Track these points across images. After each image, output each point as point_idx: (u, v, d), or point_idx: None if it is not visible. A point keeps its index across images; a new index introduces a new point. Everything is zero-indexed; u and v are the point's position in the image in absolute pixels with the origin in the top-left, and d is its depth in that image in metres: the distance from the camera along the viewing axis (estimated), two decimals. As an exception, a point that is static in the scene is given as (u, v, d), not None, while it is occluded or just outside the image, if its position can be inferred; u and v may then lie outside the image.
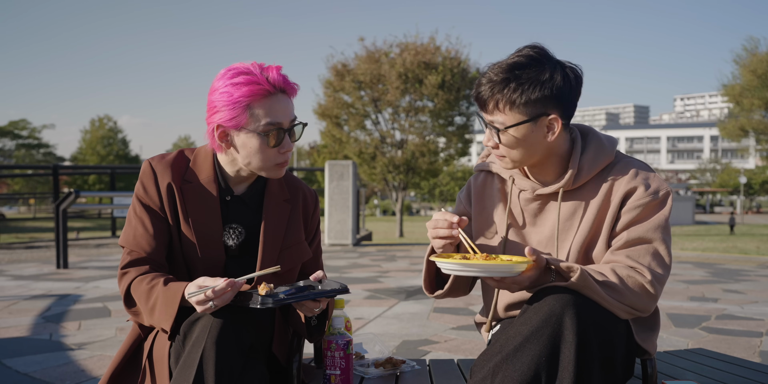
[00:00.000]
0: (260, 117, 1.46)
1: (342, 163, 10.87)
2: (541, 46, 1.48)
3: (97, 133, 45.15)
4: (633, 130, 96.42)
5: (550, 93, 1.42)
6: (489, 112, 1.47)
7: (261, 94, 1.45)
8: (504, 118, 1.45)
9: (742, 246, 12.25)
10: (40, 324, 4.23)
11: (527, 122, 1.44)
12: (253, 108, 1.46)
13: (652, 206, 1.48)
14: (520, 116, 1.44)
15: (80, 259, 8.68)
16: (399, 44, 17.97)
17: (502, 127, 1.46)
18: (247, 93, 1.44)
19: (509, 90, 1.42)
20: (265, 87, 1.45)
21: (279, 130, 1.48)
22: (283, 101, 1.49)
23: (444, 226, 1.46)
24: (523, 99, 1.42)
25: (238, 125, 1.47)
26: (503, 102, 1.43)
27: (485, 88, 1.45)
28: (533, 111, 1.43)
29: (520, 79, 1.42)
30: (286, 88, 1.49)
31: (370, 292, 5.61)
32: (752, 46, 22.61)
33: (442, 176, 40.95)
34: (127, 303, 1.50)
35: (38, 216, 25.98)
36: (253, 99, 1.45)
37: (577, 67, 1.48)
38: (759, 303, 5.17)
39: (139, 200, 1.55)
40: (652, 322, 1.57)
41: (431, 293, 1.64)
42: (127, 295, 1.49)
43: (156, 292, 1.42)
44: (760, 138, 24.03)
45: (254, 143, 1.48)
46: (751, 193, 49.98)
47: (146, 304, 1.44)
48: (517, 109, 1.43)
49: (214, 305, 1.32)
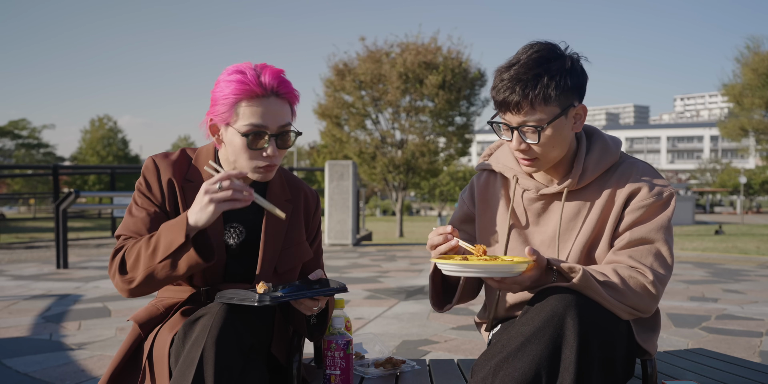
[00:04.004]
0: (244, 117, 1.46)
1: (342, 163, 10.87)
2: (549, 42, 1.48)
3: (97, 133, 45.12)
4: (633, 130, 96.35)
5: (576, 82, 1.44)
6: (522, 114, 1.43)
7: (248, 94, 1.45)
8: (540, 116, 1.43)
9: (742, 246, 12.25)
10: (40, 324, 4.23)
11: (561, 115, 1.44)
12: (239, 107, 1.46)
13: (656, 207, 1.48)
14: (554, 110, 1.43)
15: (80, 259, 8.68)
16: (400, 44, 17.95)
17: (543, 125, 1.43)
18: (234, 91, 1.45)
19: (542, 85, 1.40)
20: (253, 87, 1.44)
21: (261, 133, 1.46)
22: (272, 105, 1.47)
23: (440, 240, 1.44)
24: (558, 91, 1.41)
25: (225, 121, 1.49)
26: (539, 98, 1.41)
27: (516, 89, 1.41)
28: (564, 102, 1.44)
29: (551, 71, 1.41)
30: (280, 92, 1.47)
31: (370, 292, 5.61)
32: (755, 44, 22.60)
33: (442, 176, 40.93)
34: (120, 269, 1.44)
35: (38, 216, 25.97)
36: (240, 97, 1.45)
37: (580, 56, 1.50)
38: (759, 303, 5.17)
39: (141, 193, 1.55)
40: (652, 322, 1.57)
41: (441, 309, 1.61)
42: (122, 263, 1.44)
43: (155, 234, 1.41)
44: (760, 138, 24.00)
45: (237, 142, 1.48)
46: (751, 193, 49.95)
47: (147, 248, 1.40)
48: (552, 103, 1.42)
49: (221, 186, 1.34)
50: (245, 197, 1.37)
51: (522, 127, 1.45)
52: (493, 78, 1.49)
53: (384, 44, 18.19)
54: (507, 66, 1.46)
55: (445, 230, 1.44)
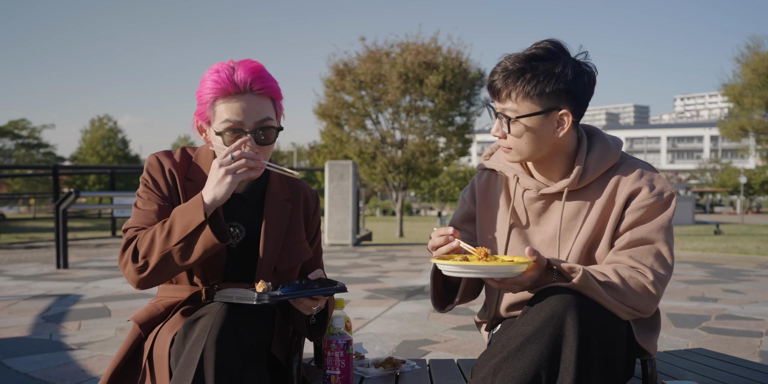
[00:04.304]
0: (220, 115, 1.48)
1: (342, 163, 10.87)
2: (560, 42, 1.49)
3: (97, 133, 45.10)
4: (633, 130, 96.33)
5: (564, 87, 1.43)
6: (501, 101, 1.47)
7: (222, 92, 1.46)
8: (516, 108, 1.45)
9: (742, 246, 12.25)
10: (40, 324, 4.23)
11: (539, 114, 1.45)
12: (215, 105, 1.48)
13: (657, 207, 1.48)
14: (533, 107, 1.45)
15: (80, 259, 8.68)
16: (400, 44, 17.95)
17: (513, 117, 1.46)
18: (209, 90, 1.47)
19: (524, 80, 1.43)
20: (225, 85, 1.45)
21: (236, 130, 1.47)
22: (248, 101, 1.47)
23: (442, 242, 1.44)
24: (537, 90, 1.43)
25: (207, 121, 1.51)
26: (516, 92, 1.44)
27: (500, 77, 1.46)
28: (546, 104, 1.44)
29: (536, 70, 1.43)
30: (255, 89, 1.47)
31: (370, 292, 5.61)
32: (755, 44, 22.59)
33: (442, 176, 40.93)
34: (134, 258, 1.43)
35: (38, 216, 25.96)
36: (214, 96, 1.47)
37: (592, 66, 1.49)
38: (759, 303, 5.17)
39: (147, 188, 1.55)
40: (652, 322, 1.57)
41: (443, 309, 1.61)
42: (134, 252, 1.43)
43: (168, 219, 1.43)
44: (760, 138, 24.00)
45: (218, 141, 1.50)
46: (751, 193, 49.93)
47: (161, 232, 1.40)
48: (531, 100, 1.44)
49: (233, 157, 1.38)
50: (259, 165, 1.40)
51: (500, 115, 1.49)
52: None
53: (384, 44, 18.19)
54: (509, 54, 1.49)
55: (447, 231, 1.44)
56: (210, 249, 1.40)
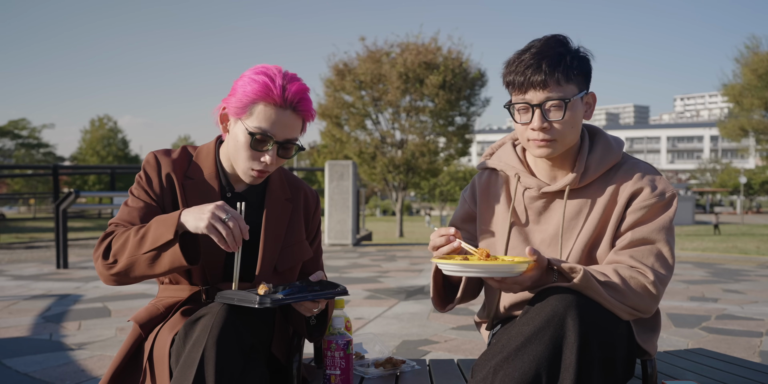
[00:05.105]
0: (257, 118, 1.48)
1: (342, 163, 10.87)
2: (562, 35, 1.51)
3: (97, 133, 45.12)
4: (633, 130, 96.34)
5: (587, 69, 1.48)
6: (547, 90, 1.43)
7: (268, 99, 1.46)
8: (565, 92, 1.44)
9: (742, 246, 12.25)
10: (40, 324, 4.23)
11: (579, 95, 1.46)
12: (255, 107, 1.48)
13: (658, 207, 1.48)
14: (574, 90, 1.46)
15: (80, 259, 8.68)
16: (400, 44, 17.96)
17: (570, 98, 1.44)
18: (257, 91, 1.46)
19: (565, 63, 1.43)
20: (275, 96, 1.46)
21: (266, 138, 1.48)
22: (286, 117, 1.48)
23: (443, 242, 1.44)
24: (577, 72, 1.45)
25: (238, 115, 1.50)
26: (563, 75, 1.43)
27: (542, 66, 1.42)
28: (581, 85, 1.47)
29: (571, 52, 1.45)
30: (298, 109, 1.49)
31: (370, 292, 5.61)
32: (754, 44, 22.60)
33: (442, 176, 40.91)
34: (104, 254, 1.43)
35: (38, 216, 25.97)
36: (259, 99, 1.47)
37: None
38: (759, 303, 5.17)
39: (140, 186, 1.56)
40: (653, 323, 1.57)
41: (443, 308, 1.61)
42: (107, 248, 1.43)
43: (147, 225, 1.41)
44: (760, 138, 24.02)
45: (241, 138, 1.50)
46: (751, 193, 49.93)
47: (135, 236, 1.40)
48: (573, 82, 1.45)
49: (227, 219, 1.34)
50: (232, 246, 1.35)
51: (544, 104, 1.45)
52: (505, 66, 1.50)
53: (384, 44, 18.21)
54: (523, 51, 1.48)
55: (448, 232, 1.44)
56: (177, 266, 1.38)
